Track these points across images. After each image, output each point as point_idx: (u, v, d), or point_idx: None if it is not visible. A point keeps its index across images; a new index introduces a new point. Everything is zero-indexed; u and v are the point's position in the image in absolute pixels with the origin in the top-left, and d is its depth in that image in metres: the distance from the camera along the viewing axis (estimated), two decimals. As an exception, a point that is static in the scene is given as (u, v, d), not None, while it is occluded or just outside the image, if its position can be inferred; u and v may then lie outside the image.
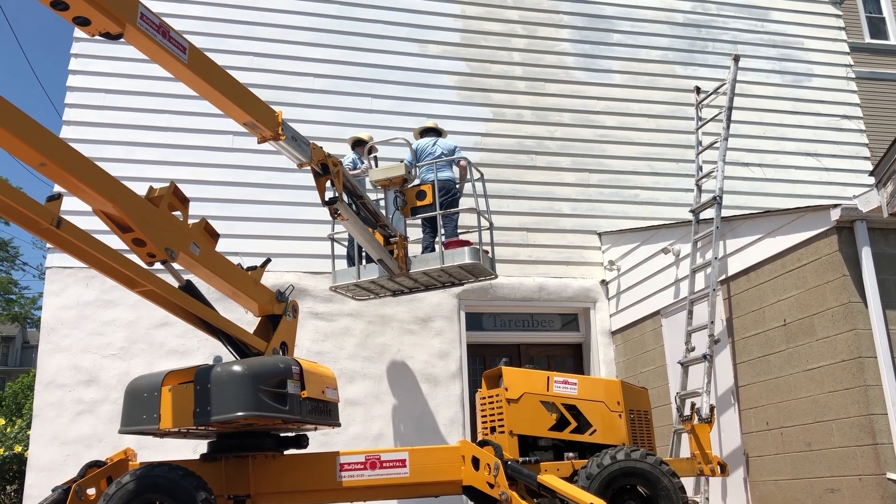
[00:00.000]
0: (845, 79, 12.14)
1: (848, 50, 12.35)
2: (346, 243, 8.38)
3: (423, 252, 7.91)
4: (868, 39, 13.42)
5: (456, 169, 8.20)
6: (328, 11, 10.24)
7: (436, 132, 8.40)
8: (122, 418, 5.32)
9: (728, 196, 8.75)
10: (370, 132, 8.85)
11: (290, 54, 9.91)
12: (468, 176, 8.15)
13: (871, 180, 6.25)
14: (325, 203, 5.94)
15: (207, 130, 9.21)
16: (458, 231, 8.09)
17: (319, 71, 9.95)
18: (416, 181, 7.95)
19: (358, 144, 8.53)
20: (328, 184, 5.90)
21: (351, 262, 8.12)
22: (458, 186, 8.12)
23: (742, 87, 10.33)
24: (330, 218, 6.65)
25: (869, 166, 11.22)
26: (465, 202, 8.25)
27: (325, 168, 5.84)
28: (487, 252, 7.88)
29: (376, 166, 8.21)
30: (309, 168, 5.82)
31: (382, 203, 7.84)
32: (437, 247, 7.69)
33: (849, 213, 6.27)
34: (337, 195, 5.89)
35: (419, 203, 7.70)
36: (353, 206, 6.46)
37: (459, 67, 10.57)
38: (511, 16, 11.04)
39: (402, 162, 7.69)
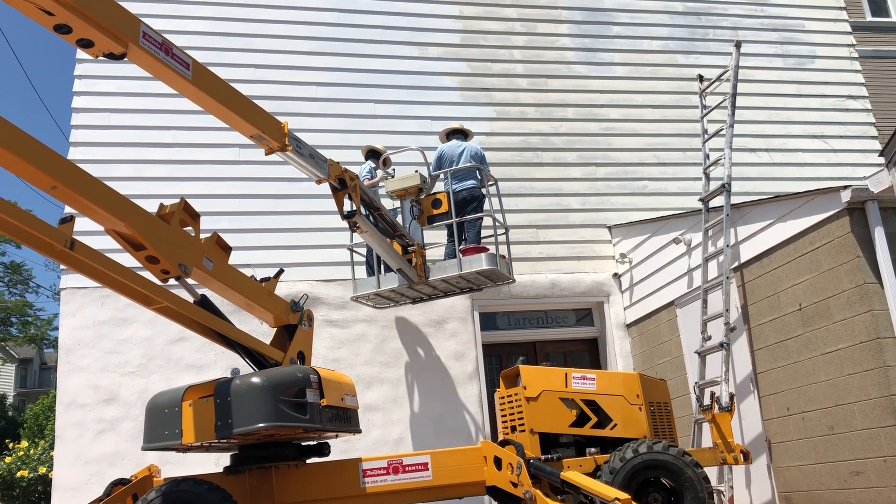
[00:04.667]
0: (849, 59, 12.08)
1: (850, 29, 12.28)
2: (363, 252, 8.44)
3: (445, 259, 7.94)
4: (870, 17, 13.30)
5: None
6: (327, 20, 10.27)
7: (462, 134, 8.41)
8: (145, 435, 5.34)
9: (736, 183, 8.72)
10: (377, 138, 8.89)
11: (291, 64, 9.94)
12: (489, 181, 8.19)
13: (881, 160, 6.22)
14: (343, 217, 5.99)
15: (214, 144, 9.25)
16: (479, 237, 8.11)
17: (321, 79, 9.98)
18: (440, 188, 7.95)
19: (372, 153, 8.57)
20: (346, 197, 5.94)
21: (370, 270, 8.17)
22: (483, 191, 8.11)
23: (745, 73, 10.28)
24: (341, 226, 6.68)
25: (877, 146, 11.15)
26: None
27: (342, 183, 5.88)
28: (504, 256, 7.90)
29: (392, 176, 8.27)
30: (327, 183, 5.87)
31: (399, 212, 7.89)
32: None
33: (860, 194, 6.23)
34: (355, 208, 5.93)
35: (435, 212, 7.77)
36: (371, 218, 6.51)
37: (461, 68, 10.57)
38: (510, 14, 11.03)
39: (416, 172, 7.74)
